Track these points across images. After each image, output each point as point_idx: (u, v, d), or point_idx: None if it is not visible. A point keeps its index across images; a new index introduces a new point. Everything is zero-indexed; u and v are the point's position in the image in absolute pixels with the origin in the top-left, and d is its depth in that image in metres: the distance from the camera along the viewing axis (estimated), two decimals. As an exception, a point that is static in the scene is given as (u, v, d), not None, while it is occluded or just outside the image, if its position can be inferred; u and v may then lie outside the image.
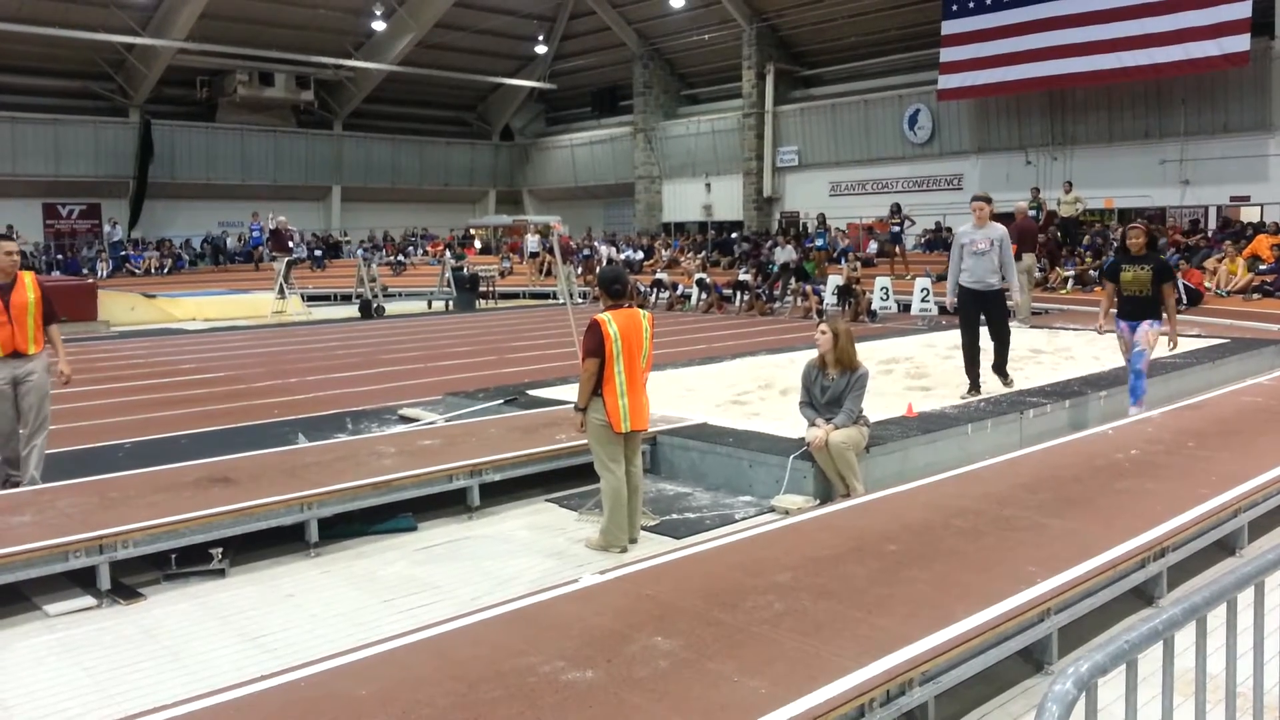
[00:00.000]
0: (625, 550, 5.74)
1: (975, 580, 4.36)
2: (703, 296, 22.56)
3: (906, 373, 10.86)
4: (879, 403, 8.12)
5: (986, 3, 23.94)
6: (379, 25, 31.39)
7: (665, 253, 29.44)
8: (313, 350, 15.90)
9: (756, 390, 9.89)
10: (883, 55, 28.18)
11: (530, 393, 9.79)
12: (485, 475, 6.70)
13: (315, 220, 34.78)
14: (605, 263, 24.53)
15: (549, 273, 27.70)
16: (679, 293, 23.03)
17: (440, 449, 7.23)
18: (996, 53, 23.65)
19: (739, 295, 21.82)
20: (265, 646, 4.52)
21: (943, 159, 26.80)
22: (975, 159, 26.04)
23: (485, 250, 33.57)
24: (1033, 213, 20.48)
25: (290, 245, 26.28)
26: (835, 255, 24.52)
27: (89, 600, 5.08)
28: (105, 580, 5.11)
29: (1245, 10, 19.76)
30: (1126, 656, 2.25)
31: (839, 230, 26.36)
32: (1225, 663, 2.79)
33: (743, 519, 6.30)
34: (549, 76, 36.89)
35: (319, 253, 30.30)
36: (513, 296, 27.05)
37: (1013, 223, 16.65)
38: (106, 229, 30.15)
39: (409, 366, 13.69)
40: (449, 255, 28.44)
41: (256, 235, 29.27)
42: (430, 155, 37.55)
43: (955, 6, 24.59)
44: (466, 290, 24.72)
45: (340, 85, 34.29)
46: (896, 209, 24.30)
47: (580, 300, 23.49)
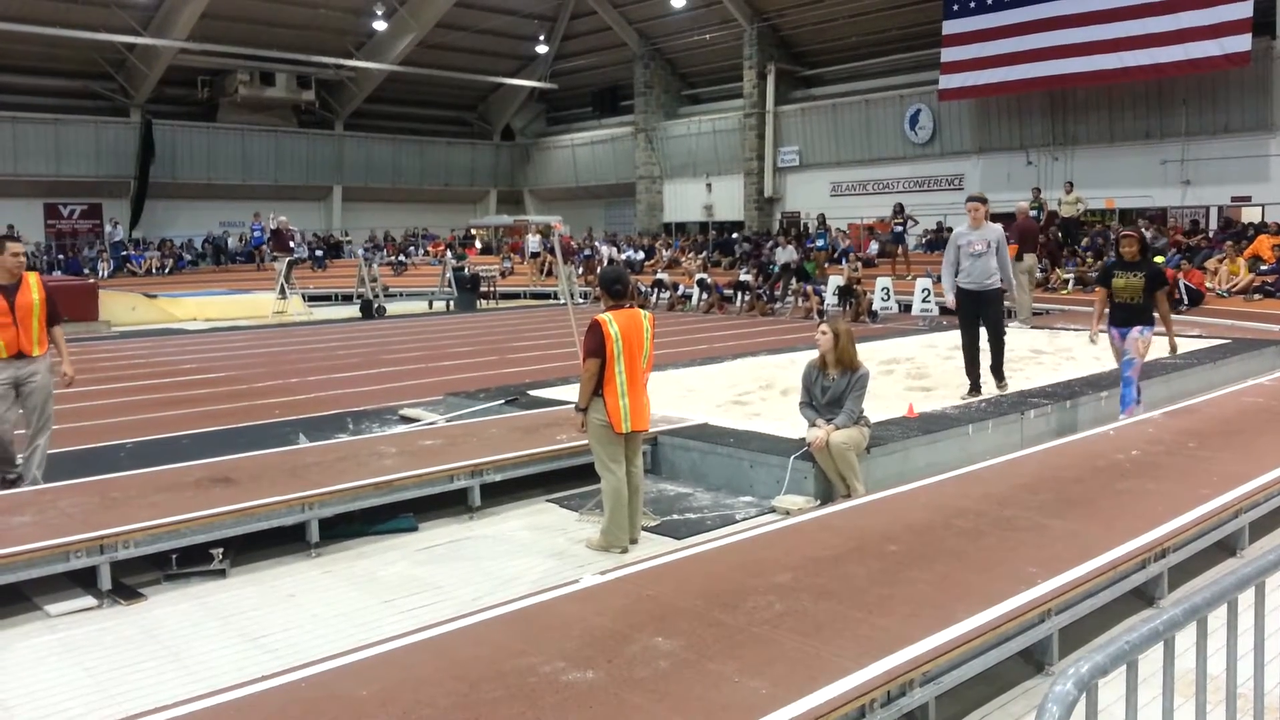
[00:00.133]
0: (626, 551, 5.75)
1: (976, 581, 4.36)
2: (703, 297, 22.55)
3: (907, 373, 10.87)
4: (880, 403, 8.12)
5: (988, 2, 23.93)
6: (380, 25, 31.40)
7: (666, 253, 29.42)
8: (314, 350, 15.91)
9: (757, 391, 9.89)
10: (884, 55, 28.17)
11: (531, 393, 9.80)
12: (486, 475, 6.70)
13: (316, 220, 34.81)
14: (606, 263, 24.53)
15: (550, 273, 27.71)
16: (680, 293, 23.03)
17: (441, 449, 7.23)
18: (997, 53, 23.65)
19: (740, 295, 21.82)
20: (266, 647, 4.52)
21: (944, 159, 26.78)
22: (976, 159, 26.03)
23: (486, 250, 33.55)
24: (1034, 213, 20.47)
25: (291, 245, 26.33)
26: (836, 255, 24.52)
27: (90, 600, 5.08)
28: (106, 580, 5.11)
29: (1246, 10, 19.77)
30: (1127, 657, 2.25)
31: (839, 230, 26.36)
32: (1226, 664, 2.79)
33: (743, 519, 6.29)
34: (550, 76, 36.89)
35: (320, 253, 30.30)
36: (514, 297, 27.05)
37: (1014, 223, 16.67)
38: (108, 229, 30.15)
39: (410, 367, 13.70)
40: (450, 255, 28.44)
41: (258, 235, 29.29)
42: (431, 155, 37.57)
43: (956, 6, 24.58)
44: (467, 290, 24.74)
45: (341, 85, 34.31)
46: (899, 209, 24.28)
47: (581, 300, 23.49)
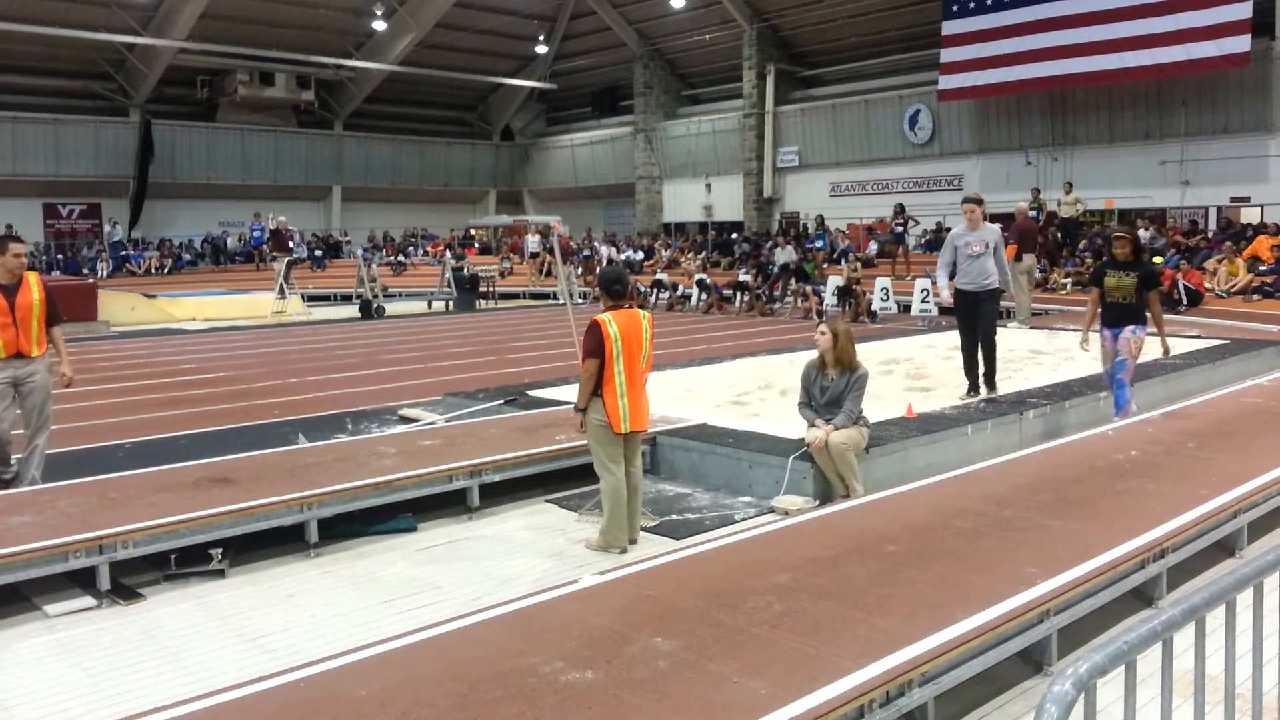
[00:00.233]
0: (625, 551, 5.75)
1: (975, 581, 4.36)
2: (703, 297, 22.55)
3: (906, 373, 10.87)
4: (879, 404, 8.12)
5: (987, 3, 23.94)
6: (379, 25, 31.40)
7: (665, 253, 29.43)
8: (313, 350, 15.90)
9: (756, 391, 9.89)
10: (883, 56, 28.17)
11: (530, 393, 9.80)
12: (485, 476, 6.70)
13: (315, 220, 34.80)
14: (605, 263, 24.53)
15: (549, 273, 27.70)
16: (679, 293, 23.02)
17: (440, 449, 7.23)
18: (997, 53, 23.65)
19: (739, 296, 21.81)
20: (265, 647, 4.52)
21: (943, 159, 26.78)
22: (976, 159, 26.04)
23: (485, 250, 33.53)
24: (1033, 213, 20.47)
25: (291, 245, 26.30)
26: (835, 256, 24.53)
27: (89, 600, 5.08)
28: (105, 580, 5.11)
29: (1245, 11, 19.78)
30: (1126, 657, 2.25)
31: (839, 231, 26.37)
32: (1224, 664, 2.79)
33: (742, 520, 6.29)
34: (549, 76, 36.89)
35: (319, 253, 30.30)
36: (513, 297, 27.05)
37: (1013, 223, 16.66)
38: (107, 229, 30.16)
39: (409, 367, 13.70)
40: (449, 255, 28.43)
41: (258, 235, 29.29)
42: (431, 155, 37.56)
43: (956, 7, 24.59)
44: (467, 290, 24.73)
45: (341, 85, 34.30)
46: (900, 209, 24.30)
47: (580, 301, 23.49)
